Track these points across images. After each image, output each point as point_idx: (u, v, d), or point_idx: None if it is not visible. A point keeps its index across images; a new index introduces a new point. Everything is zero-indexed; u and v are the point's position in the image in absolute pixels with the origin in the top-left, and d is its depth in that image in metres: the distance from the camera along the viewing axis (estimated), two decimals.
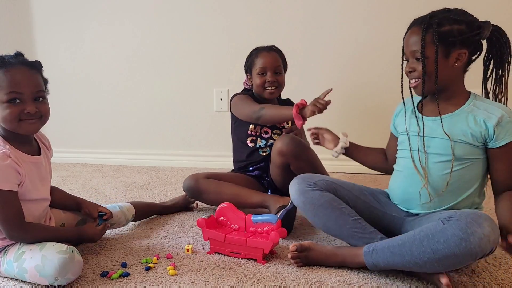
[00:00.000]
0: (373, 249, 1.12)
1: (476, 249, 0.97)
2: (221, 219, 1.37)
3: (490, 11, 1.45)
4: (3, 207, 1.09)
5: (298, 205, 1.28)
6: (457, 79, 1.18)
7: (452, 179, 1.16)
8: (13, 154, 1.10)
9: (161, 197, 1.96)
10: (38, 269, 1.07)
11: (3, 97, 1.08)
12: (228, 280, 1.14)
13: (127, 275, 1.16)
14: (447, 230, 0.99)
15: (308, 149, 1.62)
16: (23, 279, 1.12)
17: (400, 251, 1.06)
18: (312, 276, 1.15)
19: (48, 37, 2.75)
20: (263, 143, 1.76)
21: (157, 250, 1.34)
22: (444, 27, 1.12)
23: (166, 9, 2.56)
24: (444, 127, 1.16)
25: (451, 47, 1.13)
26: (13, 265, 1.11)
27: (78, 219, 1.39)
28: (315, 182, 1.27)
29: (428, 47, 1.13)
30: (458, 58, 1.14)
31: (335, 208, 1.22)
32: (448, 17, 1.13)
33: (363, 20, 2.31)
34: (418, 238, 1.04)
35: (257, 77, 1.75)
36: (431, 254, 1.01)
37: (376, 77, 2.34)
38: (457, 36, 1.12)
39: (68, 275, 1.08)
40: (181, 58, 2.59)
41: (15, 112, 1.09)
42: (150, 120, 2.70)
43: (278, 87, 1.76)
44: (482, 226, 0.97)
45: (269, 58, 1.74)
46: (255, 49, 1.81)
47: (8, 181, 1.08)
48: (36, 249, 1.10)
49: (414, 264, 1.04)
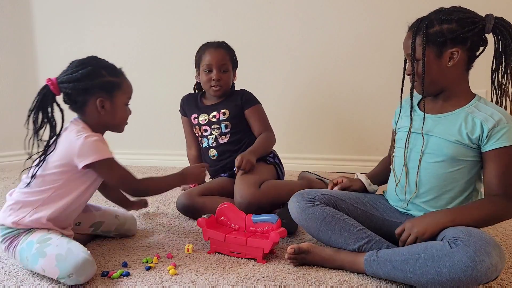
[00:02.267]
0: (374, 259, 1.10)
1: (481, 278, 0.95)
2: (221, 219, 1.37)
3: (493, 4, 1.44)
4: (117, 169, 1.23)
5: (300, 223, 1.26)
6: (457, 78, 1.16)
7: (443, 181, 1.16)
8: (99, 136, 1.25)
9: (161, 197, 1.96)
10: (59, 259, 1.09)
11: (125, 100, 1.31)
12: (228, 279, 1.14)
13: (128, 275, 1.17)
14: (454, 255, 0.97)
15: (261, 193, 1.55)
16: (33, 264, 1.13)
17: (402, 267, 1.04)
18: (312, 276, 1.15)
19: (49, 37, 2.75)
20: (206, 143, 1.80)
21: (157, 250, 1.35)
22: (433, 28, 1.12)
23: (166, 10, 2.56)
24: (441, 126, 1.16)
25: (442, 46, 1.12)
26: (33, 246, 1.13)
27: (94, 221, 1.40)
28: (314, 198, 1.25)
29: (418, 49, 1.14)
30: (451, 57, 1.13)
31: (339, 220, 1.19)
32: (438, 17, 1.12)
33: (363, 19, 2.32)
34: (423, 257, 1.01)
35: (203, 73, 1.75)
36: (434, 275, 0.99)
37: (378, 77, 2.34)
38: (447, 35, 1.11)
39: (81, 277, 1.09)
40: (180, 58, 2.58)
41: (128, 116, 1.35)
42: (150, 120, 2.70)
43: (222, 86, 1.75)
44: (491, 255, 0.95)
45: (215, 55, 1.74)
46: (204, 44, 1.82)
47: (110, 152, 1.23)
48: (64, 241, 1.15)
49: (416, 282, 1.03)
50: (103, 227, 1.41)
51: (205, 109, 1.81)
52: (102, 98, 1.23)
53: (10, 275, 1.19)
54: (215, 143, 1.78)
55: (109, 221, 1.42)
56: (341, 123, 2.43)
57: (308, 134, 2.46)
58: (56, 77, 1.22)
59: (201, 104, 1.84)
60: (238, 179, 1.61)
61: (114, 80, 1.25)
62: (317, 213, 1.21)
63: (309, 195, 1.27)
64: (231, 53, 1.80)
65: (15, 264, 1.25)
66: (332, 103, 2.43)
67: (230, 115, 1.77)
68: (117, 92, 1.25)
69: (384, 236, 1.20)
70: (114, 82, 1.25)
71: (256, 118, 1.78)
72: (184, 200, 1.62)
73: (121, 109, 1.29)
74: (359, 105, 2.39)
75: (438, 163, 1.17)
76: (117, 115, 1.28)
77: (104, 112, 1.25)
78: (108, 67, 1.26)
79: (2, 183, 2.32)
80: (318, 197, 1.25)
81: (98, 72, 1.22)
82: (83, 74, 1.20)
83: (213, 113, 1.78)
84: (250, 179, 1.59)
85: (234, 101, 1.79)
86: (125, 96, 1.28)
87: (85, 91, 1.21)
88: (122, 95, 1.27)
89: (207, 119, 1.78)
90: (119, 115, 1.29)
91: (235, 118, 1.77)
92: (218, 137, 1.78)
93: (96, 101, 1.22)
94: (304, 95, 2.44)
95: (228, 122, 1.76)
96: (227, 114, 1.77)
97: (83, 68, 1.21)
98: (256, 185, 1.57)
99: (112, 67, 1.27)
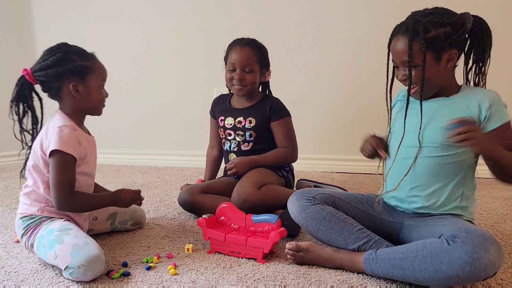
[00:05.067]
0: (373, 258, 1.11)
1: (480, 274, 0.96)
2: (221, 219, 1.37)
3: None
4: (62, 170, 1.20)
5: (300, 222, 1.26)
6: (449, 76, 1.19)
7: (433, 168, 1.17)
8: (77, 129, 1.27)
9: (162, 197, 1.96)
10: (75, 248, 1.12)
11: (99, 82, 1.30)
12: (228, 279, 1.14)
13: (128, 275, 1.17)
14: (452, 252, 0.97)
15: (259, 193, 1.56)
16: (48, 250, 1.16)
17: (401, 265, 1.04)
18: (312, 276, 1.15)
19: (49, 37, 2.74)
20: (227, 146, 1.78)
21: (157, 250, 1.35)
22: (430, 33, 1.11)
23: (167, 10, 2.56)
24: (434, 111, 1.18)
25: (441, 50, 1.12)
26: (53, 233, 1.17)
27: (109, 212, 1.44)
28: (314, 197, 1.25)
29: (417, 55, 1.12)
30: (449, 59, 1.14)
31: (339, 220, 1.20)
32: (432, 20, 1.11)
33: (364, 18, 2.32)
34: (421, 255, 1.02)
35: (228, 71, 1.72)
36: (433, 272, 0.99)
37: (378, 77, 2.34)
38: (445, 39, 1.11)
39: (89, 272, 1.11)
40: (181, 58, 2.60)
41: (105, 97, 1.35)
42: (150, 120, 2.71)
43: (246, 86, 1.69)
44: (489, 251, 0.95)
45: (239, 54, 1.68)
46: (233, 41, 1.77)
47: (74, 148, 1.21)
48: (83, 234, 1.20)
49: (414, 279, 1.04)
50: (119, 217, 1.46)
51: (232, 112, 1.77)
52: (75, 82, 1.24)
53: (10, 275, 1.19)
54: (236, 148, 1.76)
55: (122, 210, 1.46)
56: (342, 123, 2.43)
57: (308, 134, 2.46)
58: (31, 67, 1.25)
59: (230, 106, 1.80)
60: (241, 178, 1.63)
61: (85, 64, 1.26)
62: (317, 212, 1.22)
63: (308, 194, 1.27)
64: (259, 52, 1.71)
65: (15, 264, 1.26)
66: (332, 103, 2.43)
67: (256, 125, 1.71)
68: (90, 76, 1.26)
69: (383, 236, 1.20)
70: (85, 65, 1.26)
71: (281, 132, 1.72)
72: (185, 195, 1.64)
73: (96, 92, 1.29)
74: (360, 105, 2.39)
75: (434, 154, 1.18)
76: (93, 98, 1.29)
77: (79, 96, 1.26)
78: (78, 52, 1.27)
79: (2, 183, 2.32)
80: (317, 196, 1.26)
81: (68, 57, 1.24)
82: (53, 60, 1.22)
83: (239, 118, 1.74)
84: (252, 179, 1.60)
85: (263, 110, 1.72)
86: (98, 78, 1.29)
87: (58, 77, 1.23)
88: (95, 78, 1.28)
89: (233, 124, 1.75)
90: (95, 98, 1.29)
91: (261, 128, 1.71)
92: (241, 143, 1.74)
93: (69, 85, 1.24)
94: (307, 95, 2.43)
95: (253, 132, 1.72)
96: (253, 123, 1.71)
97: (54, 55, 1.23)
98: (256, 185, 1.57)
99: (82, 52, 1.28)
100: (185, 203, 1.64)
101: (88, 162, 1.29)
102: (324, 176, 2.34)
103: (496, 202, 1.52)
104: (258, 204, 1.53)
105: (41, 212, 1.25)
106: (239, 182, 1.62)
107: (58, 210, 1.23)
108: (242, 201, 1.52)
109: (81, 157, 1.25)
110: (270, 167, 1.70)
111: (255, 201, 1.53)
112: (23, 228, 1.24)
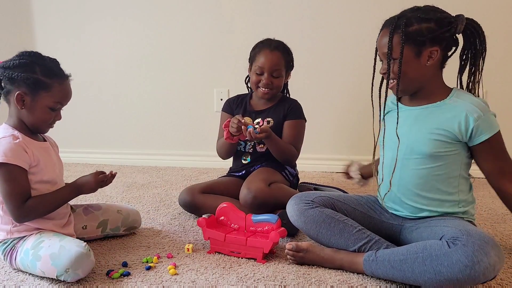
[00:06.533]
0: (372, 259, 1.11)
1: (480, 277, 0.96)
2: (221, 219, 1.37)
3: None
4: (10, 182, 1.15)
5: (299, 226, 1.26)
6: (433, 76, 1.17)
7: (421, 178, 1.18)
8: (21, 137, 1.20)
9: (162, 197, 1.97)
10: (53, 257, 1.10)
11: (50, 104, 1.21)
12: (228, 279, 1.14)
13: (128, 275, 1.17)
14: (452, 255, 0.97)
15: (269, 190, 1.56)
16: (33, 269, 1.14)
17: (401, 267, 1.04)
18: (312, 276, 1.15)
19: (49, 38, 2.76)
20: (242, 146, 1.75)
21: (157, 250, 1.35)
22: (412, 27, 1.11)
23: (167, 10, 2.56)
24: (421, 118, 1.18)
25: (421, 46, 1.12)
26: (29, 252, 1.15)
27: (99, 220, 1.40)
28: (312, 200, 1.25)
29: (396, 48, 1.12)
30: (430, 56, 1.13)
31: (338, 222, 1.20)
32: (416, 16, 1.12)
33: (365, 18, 2.32)
34: (421, 257, 1.02)
35: (254, 74, 1.70)
36: (432, 274, 0.99)
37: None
38: (426, 34, 1.11)
39: (79, 271, 1.10)
40: (181, 59, 2.60)
41: (51, 119, 1.25)
42: (150, 120, 2.71)
43: (272, 89, 1.70)
44: (489, 255, 0.95)
45: (269, 58, 1.66)
46: (261, 42, 1.74)
47: (18, 158, 1.16)
48: (56, 239, 1.15)
49: (414, 281, 1.04)
50: (110, 224, 1.42)
51: (251, 114, 1.76)
52: (23, 92, 1.18)
53: (11, 275, 1.19)
54: (252, 149, 1.75)
55: (113, 217, 1.42)
56: (342, 122, 2.43)
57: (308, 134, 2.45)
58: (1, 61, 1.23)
59: (249, 107, 1.78)
60: (250, 175, 1.64)
61: (43, 80, 1.19)
62: (316, 215, 1.22)
63: (307, 197, 1.27)
64: (287, 56, 1.72)
65: None
66: (332, 103, 2.43)
67: (273, 126, 1.70)
68: (42, 92, 1.19)
69: (383, 237, 1.20)
70: (42, 82, 1.19)
71: (291, 131, 1.71)
72: (186, 196, 1.64)
73: (42, 110, 1.21)
74: (361, 104, 2.38)
75: (416, 159, 1.18)
76: (35, 115, 1.21)
77: (21, 107, 1.20)
78: (45, 67, 1.21)
79: None
80: (316, 199, 1.26)
81: (31, 67, 1.19)
82: (15, 64, 1.19)
83: (257, 119, 1.74)
84: (260, 176, 1.61)
85: (281, 111, 1.73)
86: (51, 99, 1.21)
87: (11, 80, 1.18)
88: (48, 97, 1.20)
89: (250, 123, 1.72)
90: (37, 116, 1.21)
91: (278, 128, 1.72)
92: (256, 144, 1.74)
93: (17, 93, 1.19)
94: (309, 95, 2.43)
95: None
96: (271, 124, 1.71)
97: (21, 59, 1.20)
98: (266, 182, 1.58)
99: (50, 68, 1.22)
100: (185, 204, 1.64)
101: (43, 169, 1.22)
102: (324, 176, 2.34)
103: (496, 202, 1.52)
104: (268, 200, 1.53)
105: (10, 234, 1.20)
106: (247, 179, 1.61)
107: (18, 223, 1.19)
108: (252, 197, 1.51)
109: (32, 165, 1.19)
110: (275, 168, 1.70)
111: (266, 196, 1.53)
112: (1, 254, 1.22)
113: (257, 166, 1.74)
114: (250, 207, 1.51)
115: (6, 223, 1.20)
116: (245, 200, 1.52)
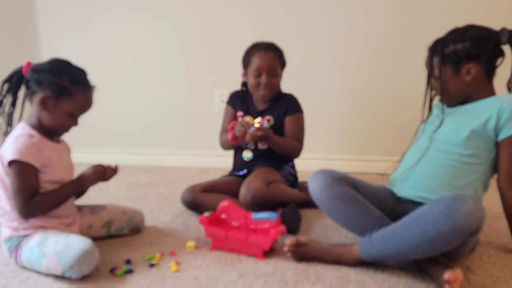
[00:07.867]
0: (367, 240, 1.15)
1: (462, 226, 1.00)
2: (222, 217, 1.40)
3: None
4: (21, 179, 1.18)
5: (322, 199, 1.26)
6: (480, 88, 1.26)
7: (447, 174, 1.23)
8: (37, 137, 1.24)
9: (165, 196, 1.99)
10: (58, 255, 1.13)
11: (70, 110, 1.26)
12: (229, 276, 1.17)
13: (131, 272, 1.19)
14: (433, 210, 1.04)
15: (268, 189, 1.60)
16: (38, 266, 1.17)
17: (393, 238, 1.10)
18: (310, 272, 1.18)
19: (53, 40, 2.79)
20: (243, 143, 1.75)
21: (160, 247, 1.37)
22: (447, 48, 1.24)
23: (170, 12, 2.58)
24: (460, 117, 1.26)
25: (458, 64, 1.23)
26: (34, 250, 1.17)
27: (105, 220, 1.43)
28: (339, 177, 1.27)
29: (436, 68, 1.27)
30: (468, 72, 1.23)
31: (362, 204, 1.23)
32: (452, 37, 1.23)
33: (372, 16, 2.33)
34: (408, 222, 1.08)
35: (252, 77, 1.72)
36: (421, 236, 1.04)
37: (379, 77, 2.36)
38: (461, 53, 1.21)
39: (83, 268, 1.13)
40: (184, 60, 2.62)
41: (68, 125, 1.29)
42: (153, 120, 2.73)
43: (272, 89, 1.73)
44: (466, 202, 1.01)
45: (265, 59, 1.70)
46: (253, 46, 1.77)
47: (32, 157, 1.19)
48: (61, 237, 1.18)
49: (407, 250, 1.07)
50: (114, 224, 1.44)
51: (253, 113, 1.80)
52: (48, 95, 1.22)
53: (16, 273, 1.21)
54: (253, 147, 1.78)
55: (118, 217, 1.45)
56: (344, 122, 2.45)
57: (310, 135, 2.47)
58: (35, 64, 1.27)
59: (253, 107, 1.82)
60: (249, 176, 1.67)
61: (68, 87, 1.23)
62: (343, 192, 1.24)
63: (334, 174, 1.28)
64: (280, 55, 1.76)
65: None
66: (335, 103, 2.44)
67: (274, 123, 1.75)
68: (65, 98, 1.24)
69: None
70: (67, 88, 1.23)
71: (292, 126, 1.76)
72: (188, 195, 1.67)
73: (61, 115, 1.25)
74: (368, 104, 2.40)
75: (447, 153, 1.25)
76: (54, 118, 1.25)
77: (43, 109, 1.24)
78: (72, 75, 1.25)
79: None
80: (343, 178, 1.28)
81: (59, 73, 1.24)
82: (45, 68, 1.24)
83: (257, 119, 1.77)
84: (260, 176, 1.64)
85: (280, 108, 1.77)
86: (72, 106, 1.25)
87: (38, 82, 1.23)
88: (70, 103, 1.24)
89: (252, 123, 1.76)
90: (56, 119, 1.25)
91: (278, 126, 1.75)
92: (258, 141, 1.75)
93: (41, 95, 1.23)
94: (306, 95, 2.45)
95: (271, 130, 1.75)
96: (271, 122, 1.75)
97: (50, 64, 1.25)
98: (265, 181, 1.62)
99: (77, 77, 1.26)
100: (188, 202, 1.67)
101: (55, 170, 1.25)
102: None
103: (491, 201, 1.53)
104: (267, 199, 1.57)
105: (16, 232, 1.23)
106: (246, 179, 1.64)
107: (24, 220, 1.21)
108: (251, 196, 1.55)
109: (44, 165, 1.22)
110: (275, 168, 1.74)
111: (265, 196, 1.56)
112: (7, 251, 1.25)
113: (258, 165, 1.77)
114: (249, 206, 1.54)
115: (12, 219, 1.23)
116: (244, 199, 1.55)
